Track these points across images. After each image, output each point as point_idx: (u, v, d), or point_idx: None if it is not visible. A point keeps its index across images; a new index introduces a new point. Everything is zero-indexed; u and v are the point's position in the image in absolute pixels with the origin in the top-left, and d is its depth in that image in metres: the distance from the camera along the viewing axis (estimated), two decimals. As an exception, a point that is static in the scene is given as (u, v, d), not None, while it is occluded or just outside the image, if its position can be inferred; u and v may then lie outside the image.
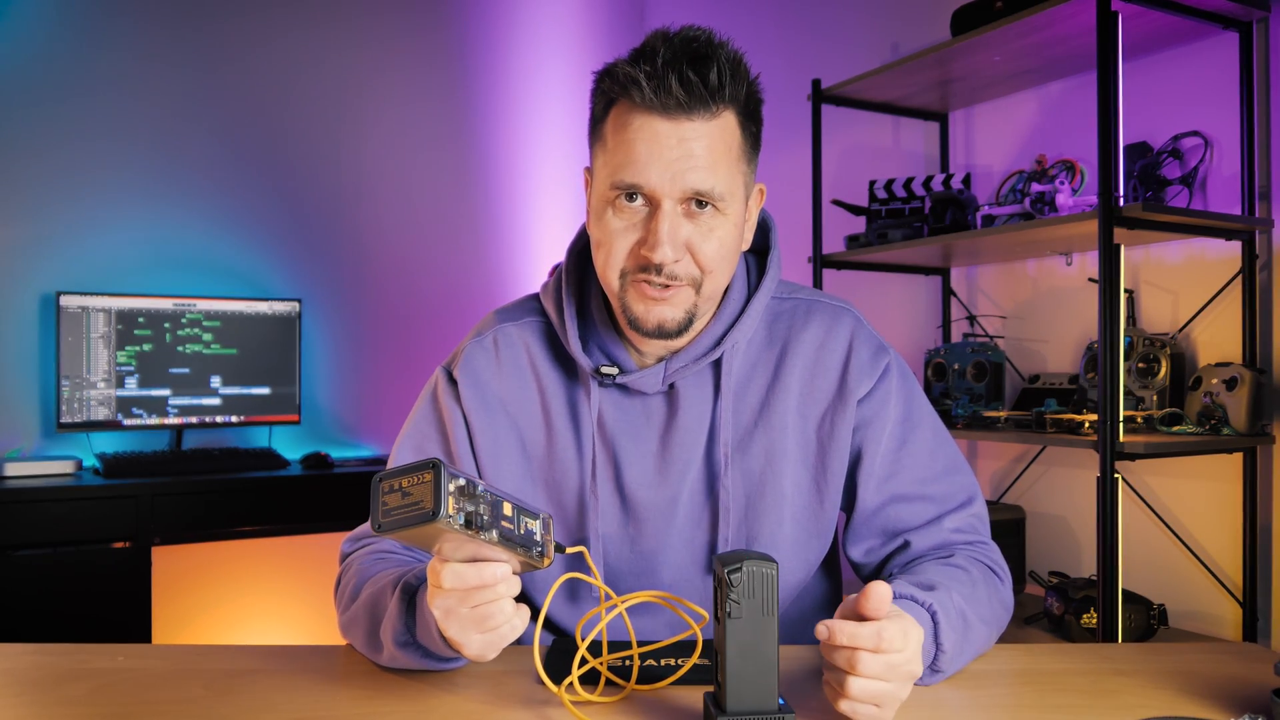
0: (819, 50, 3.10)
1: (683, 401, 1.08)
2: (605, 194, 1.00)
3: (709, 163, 0.97)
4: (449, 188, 3.67)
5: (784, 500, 1.09)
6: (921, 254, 2.46)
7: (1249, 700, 0.89)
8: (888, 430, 1.10)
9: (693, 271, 1.00)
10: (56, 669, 0.98)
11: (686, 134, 0.97)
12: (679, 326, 1.02)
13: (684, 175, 0.97)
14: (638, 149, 0.97)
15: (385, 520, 0.75)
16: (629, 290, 1.02)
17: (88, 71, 3.10)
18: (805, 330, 1.11)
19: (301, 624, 3.28)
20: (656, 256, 0.98)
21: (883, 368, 1.10)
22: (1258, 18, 1.99)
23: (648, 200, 0.99)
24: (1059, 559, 2.39)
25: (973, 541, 1.10)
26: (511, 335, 1.14)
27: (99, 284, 3.07)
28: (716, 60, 0.96)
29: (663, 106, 0.96)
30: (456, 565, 0.81)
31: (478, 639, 0.85)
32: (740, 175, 1.02)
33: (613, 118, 1.00)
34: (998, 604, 1.05)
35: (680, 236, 0.99)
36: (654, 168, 0.97)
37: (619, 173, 0.98)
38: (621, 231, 1.00)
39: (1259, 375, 1.94)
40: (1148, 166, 2.09)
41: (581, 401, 1.10)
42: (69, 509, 2.69)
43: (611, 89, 0.99)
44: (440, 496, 0.73)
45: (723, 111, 0.98)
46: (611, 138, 1.00)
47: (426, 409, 1.16)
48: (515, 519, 0.80)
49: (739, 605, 0.78)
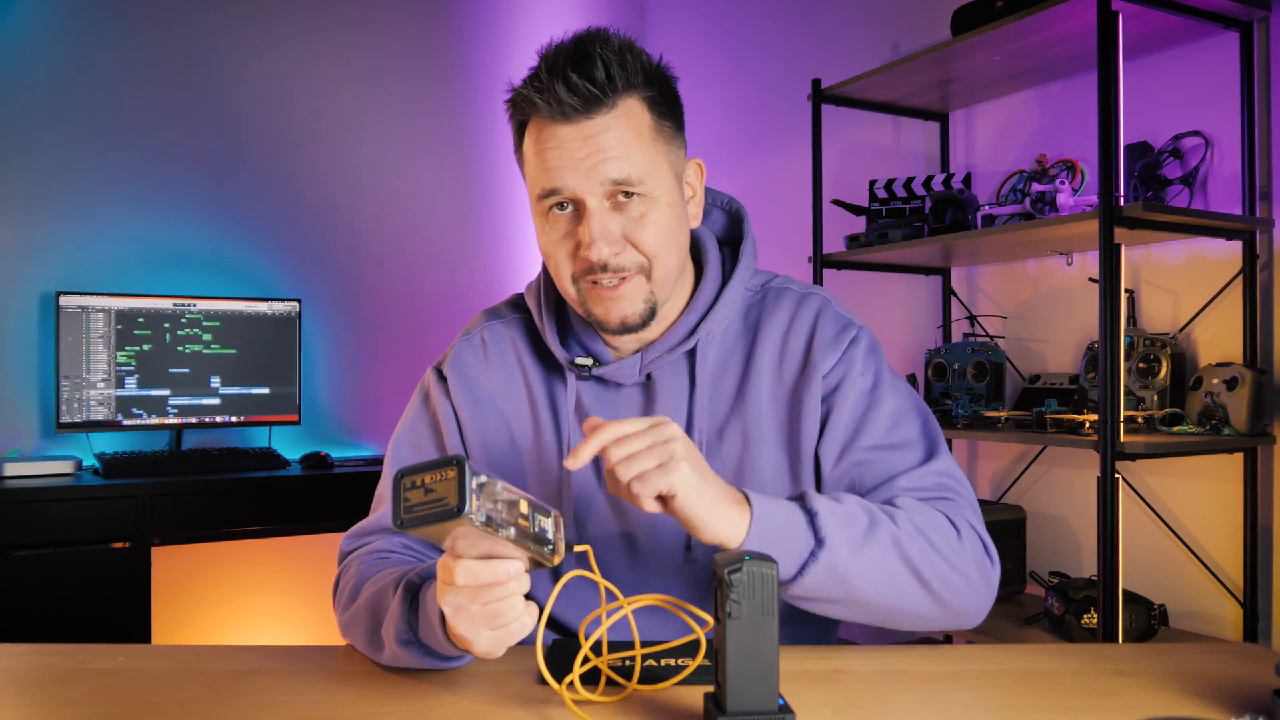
0: (819, 50, 3.10)
1: (659, 392, 1.11)
2: (537, 209, 1.04)
3: (621, 151, 1.00)
4: (448, 187, 3.67)
5: (764, 485, 1.09)
6: (922, 254, 2.46)
7: (1249, 700, 0.89)
8: (852, 398, 1.09)
9: (638, 259, 1.03)
10: (56, 669, 0.98)
11: (590, 130, 0.99)
12: (642, 318, 1.05)
13: (597, 170, 0.99)
14: (549, 157, 1.00)
15: (407, 516, 0.75)
16: (585, 295, 1.04)
17: (88, 71, 3.10)
18: (774, 315, 1.12)
19: (301, 624, 3.28)
20: (593, 255, 1.00)
21: (849, 340, 1.10)
22: (1258, 18, 1.99)
23: (574, 204, 1.02)
24: (1059, 559, 2.39)
25: (936, 499, 1.04)
26: (499, 332, 1.17)
27: (99, 284, 3.07)
28: (599, 56, 0.99)
29: (561, 113, 0.99)
30: (470, 562, 0.81)
31: (488, 636, 0.85)
32: (661, 154, 1.03)
33: (527, 136, 1.04)
34: (940, 541, 0.97)
35: (613, 231, 1.01)
36: (567, 170, 1.00)
37: (539, 182, 1.02)
38: (560, 241, 1.04)
39: (1259, 375, 1.94)
40: (1148, 166, 2.09)
41: (561, 395, 1.13)
42: (69, 509, 2.69)
43: (517, 111, 1.04)
44: (465, 493, 0.73)
45: (621, 100, 1.01)
46: (529, 152, 1.04)
47: (419, 407, 1.19)
48: (531, 517, 0.81)
49: (739, 605, 0.78)
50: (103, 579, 2.70)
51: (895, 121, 2.87)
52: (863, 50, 2.94)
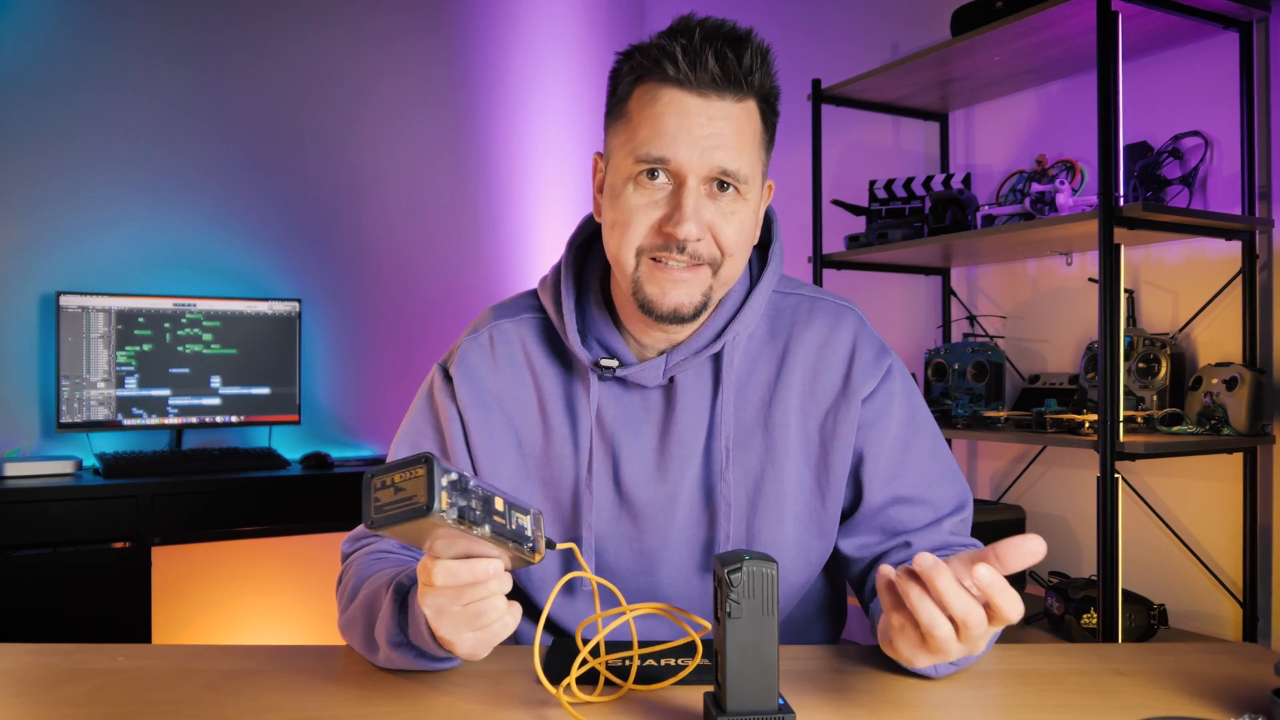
0: (819, 50, 3.10)
1: (682, 396, 1.07)
2: (628, 170, 0.99)
3: (735, 144, 0.97)
4: (449, 187, 3.67)
5: (785, 499, 1.08)
6: (921, 254, 2.46)
7: (1249, 700, 0.89)
8: (892, 431, 1.09)
9: (713, 252, 0.99)
10: (56, 669, 0.98)
11: (716, 113, 0.96)
12: (694, 309, 1.01)
13: (711, 153, 0.96)
14: (667, 123, 0.96)
15: (377, 516, 0.74)
16: (645, 272, 1.00)
17: (88, 71, 3.10)
18: (808, 328, 1.10)
19: (301, 624, 3.28)
20: (681, 232, 0.96)
21: (886, 368, 1.10)
22: (1258, 18, 1.99)
23: (672, 177, 0.98)
24: (1059, 559, 2.39)
25: (967, 544, 1.11)
26: (508, 332, 1.13)
27: (99, 284, 3.07)
28: (750, 45, 0.97)
29: (696, 82, 0.95)
30: (448, 562, 0.80)
31: (470, 637, 0.84)
32: (760, 164, 1.02)
33: (639, 94, 0.99)
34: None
35: (704, 216, 0.98)
36: (682, 142, 0.96)
37: (645, 145, 0.97)
38: (643, 208, 0.99)
39: (1259, 375, 1.94)
40: (1148, 166, 2.09)
41: (579, 397, 1.09)
42: (69, 509, 2.69)
43: (641, 64, 0.98)
44: (434, 491, 0.72)
45: (749, 97, 0.99)
46: (637, 114, 0.99)
47: (423, 407, 1.15)
48: (507, 514, 0.80)
49: (739, 605, 0.78)
50: (103, 579, 2.70)
51: (895, 121, 2.87)
52: (863, 50, 2.94)
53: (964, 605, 0.78)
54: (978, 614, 0.78)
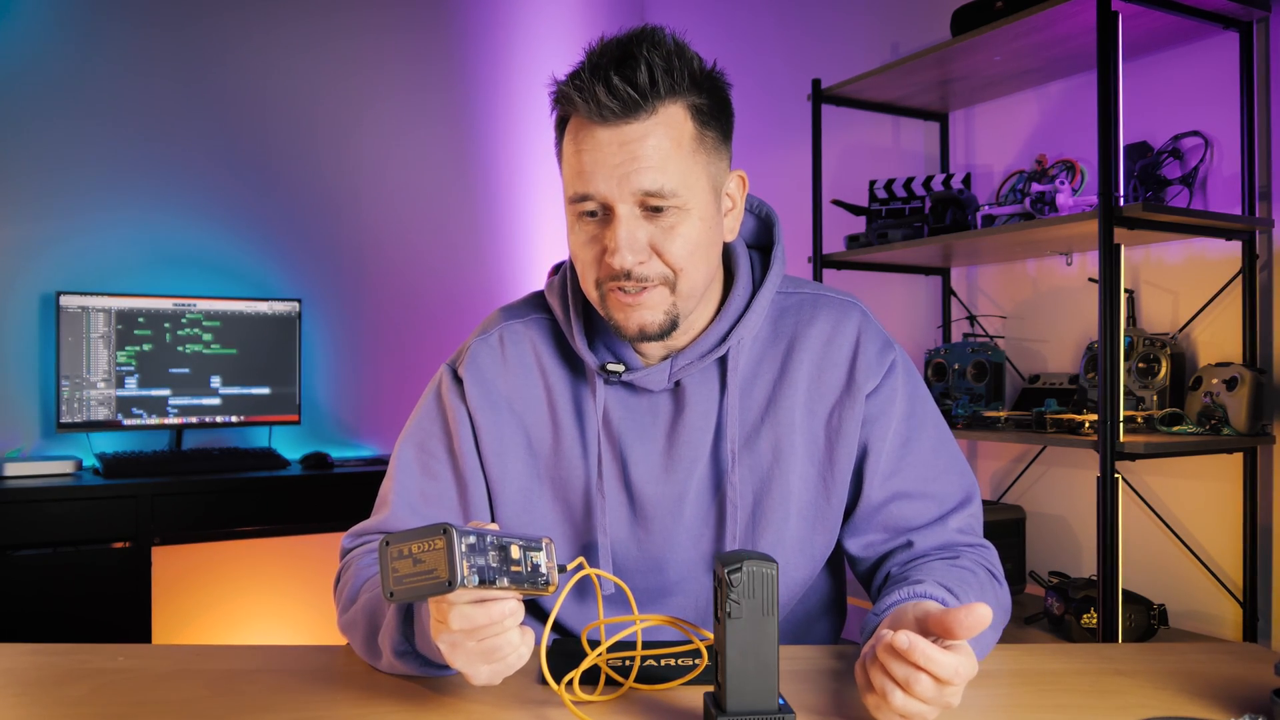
0: (819, 50, 3.10)
1: (689, 398, 1.08)
2: (569, 209, 1.01)
3: (657, 161, 0.96)
4: (449, 187, 3.67)
5: (791, 496, 1.08)
6: (921, 254, 2.46)
7: (1249, 700, 0.89)
8: (894, 426, 1.09)
9: (662, 271, 0.99)
10: (56, 669, 0.98)
11: (627, 136, 0.96)
12: (661, 329, 1.01)
13: (630, 178, 0.96)
14: (583, 160, 0.97)
15: (397, 588, 0.73)
16: (608, 300, 1.01)
17: (87, 71, 3.10)
18: (812, 325, 1.10)
19: (301, 624, 3.28)
20: (616, 263, 0.97)
21: (890, 362, 1.10)
22: (1258, 18, 1.99)
23: (605, 209, 0.99)
24: (1059, 559, 2.39)
25: (973, 544, 1.11)
26: (518, 333, 1.13)
27: (99, 284, 3.07)
28: (645, 59, 0.95)
29: (599, 115, 0.96)
30: (464, 607, 0.79)
31: (485, 670, 0.83)
32: (700, 166, 0.99)
33: (567, 133, 1.01)
34: (1000, 611, 1.05)
35: (640, 239, 0.98)
36: (599, 175, 0.96)
37: (572, 185, 0.99)
38: (587, 244, 1.01)
39: (1259, 375, 1.94)
40: (1148, 166, 2.09)
41: (587, 399, 1.10)
42: (69, 509, 2.69)
43: (561, 106, 1.01)
44: (454, 564, 0.72)
45: (664, 106, 0.97)
46: (566, 154, 1.01)
47: (431, 407, 1.15)
48: (523, 559, 0.79)
49: (739, 605, 0.78)
50: (103, 579, 2.70)
51: (895, 121, 2.87)
52: (863, 50, 2.94)
53: (902, 673, 0.79)
54: (920, 681, 0.78)
